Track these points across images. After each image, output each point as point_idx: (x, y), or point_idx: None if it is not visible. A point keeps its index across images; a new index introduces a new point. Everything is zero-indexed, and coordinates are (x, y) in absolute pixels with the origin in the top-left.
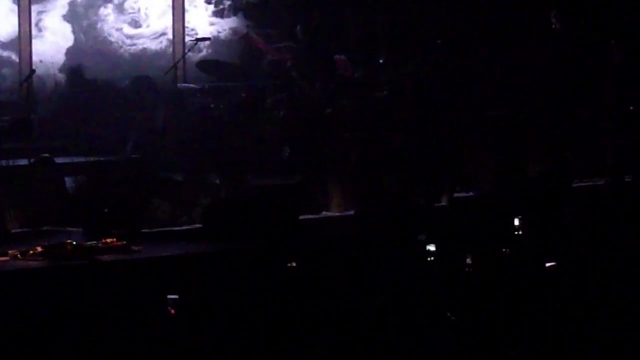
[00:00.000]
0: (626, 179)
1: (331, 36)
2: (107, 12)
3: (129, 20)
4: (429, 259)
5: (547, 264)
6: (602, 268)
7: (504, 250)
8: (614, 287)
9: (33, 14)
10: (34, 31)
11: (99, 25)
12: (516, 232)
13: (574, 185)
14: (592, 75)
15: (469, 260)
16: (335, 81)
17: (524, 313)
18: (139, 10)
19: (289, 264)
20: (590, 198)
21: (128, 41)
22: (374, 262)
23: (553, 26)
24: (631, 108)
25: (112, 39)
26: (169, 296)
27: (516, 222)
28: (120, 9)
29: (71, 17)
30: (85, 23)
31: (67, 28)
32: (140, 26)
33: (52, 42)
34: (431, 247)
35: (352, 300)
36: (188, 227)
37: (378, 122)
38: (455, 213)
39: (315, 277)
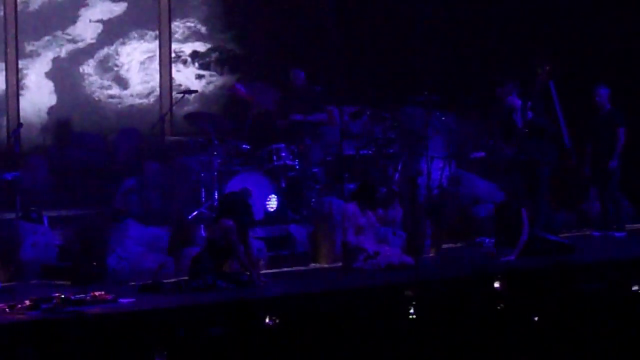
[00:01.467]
0: None
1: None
2: (89, 70)
3: (113, 76)
4: None
5: None
6: None
7: None
8: None
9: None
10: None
11: (82, 83)
12: None
13: None
14: None
15: None
16: None
17: None
18: (122, 66)
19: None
20: None
21: (113, 98)
22: None
23: None
24: None
25: (96, 97)
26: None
27: None
28: (103, 66)
29: (54, 75)
30: (68, 81)
31: (50, 86)
32: (126, 82)
33: (35, 101)
34: None
35: None
36: (175, 279)
37: None
38: None
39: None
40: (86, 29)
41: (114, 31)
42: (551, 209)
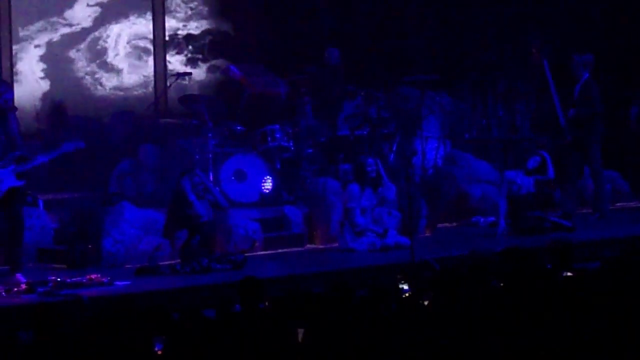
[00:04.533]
0: None
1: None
2: (82, 54)
3: (107, 60)
4: None
5: None
6: None
7: None
8: None
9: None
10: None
11: (75, 67)
12: None
13: None
14: None
15: None
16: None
17: None
18: (116, 49)
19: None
20: None
21: (107, 81)
22: None
23: None
24: None
25: (89, 80)
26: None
27: None
28: (96, 50)
29: (47, 59)
30: (61, 66)
31: (44, 71)
32: (120, 66)
33: (29, 86)
34: None
35: None
36: (171, 262)
37: None
38: None
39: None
40: (83, 12)
41: (110, 14)
42: (603, 185)
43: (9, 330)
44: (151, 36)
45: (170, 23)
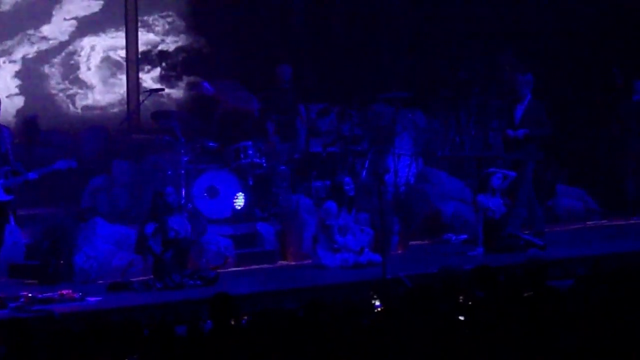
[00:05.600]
0: None
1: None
2: (56, 69)
3: (80, 75)
4: None
5: None
6: None
7: None
8: None
9: None
10: None
11: (49, 82)
12: None
13: None
14: None
15: None
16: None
17: None
18: (89, 63)
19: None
20: None
21: (80, 96)
22: None
23: None
24: None
25: (62, 96)
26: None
27: None
28: (70, 65)
29: (22, 75)
30: (34, 81)
31: (18, 86)
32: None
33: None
34: None
35: None
36: (144, 278)
37: None
38: None
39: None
40: (59, 27)
41: (86, 29)
42: (535, 206)
43: None
44: (124, 52)
45: (146, 37)
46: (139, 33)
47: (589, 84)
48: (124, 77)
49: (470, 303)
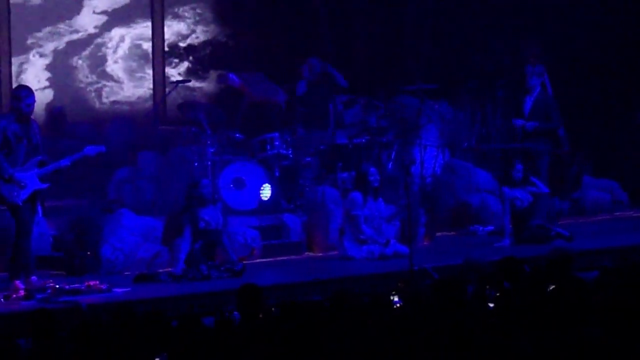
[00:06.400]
0: None
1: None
2: (84, 62)
3: (108, 67)
4: None
5: None
6: None
7: None
8: None
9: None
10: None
11: (77, 74)
12: None
13: None
14: None
15: None
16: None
17: None
18: (117, 56)
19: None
20: None
21: (108, 89)
22: None
23: None
24: None
25: (90, 88)
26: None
27: None
28: (98, 57)
29: (52, 67)
30: (63, 73)
31: (48, 79)
32: (121, 73)
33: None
34: None
35: None
36: (171, 270)
37: None
38: None
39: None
40: (89, 19)
41: (115, 21)
42: (552, 198)
43: (8, 337)
44: (151, 44)
45: (177, 28)
46: (169, 24)
47: (614, 74)
48: (151, 72)
49: (497, 294)
